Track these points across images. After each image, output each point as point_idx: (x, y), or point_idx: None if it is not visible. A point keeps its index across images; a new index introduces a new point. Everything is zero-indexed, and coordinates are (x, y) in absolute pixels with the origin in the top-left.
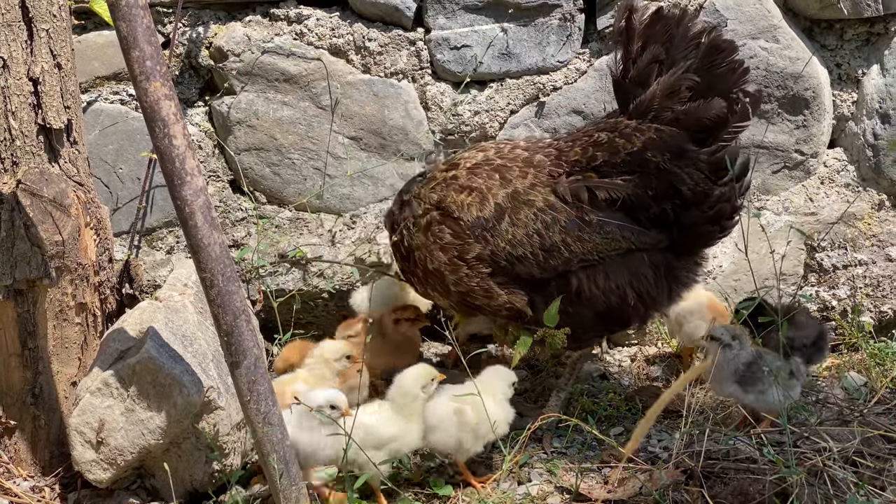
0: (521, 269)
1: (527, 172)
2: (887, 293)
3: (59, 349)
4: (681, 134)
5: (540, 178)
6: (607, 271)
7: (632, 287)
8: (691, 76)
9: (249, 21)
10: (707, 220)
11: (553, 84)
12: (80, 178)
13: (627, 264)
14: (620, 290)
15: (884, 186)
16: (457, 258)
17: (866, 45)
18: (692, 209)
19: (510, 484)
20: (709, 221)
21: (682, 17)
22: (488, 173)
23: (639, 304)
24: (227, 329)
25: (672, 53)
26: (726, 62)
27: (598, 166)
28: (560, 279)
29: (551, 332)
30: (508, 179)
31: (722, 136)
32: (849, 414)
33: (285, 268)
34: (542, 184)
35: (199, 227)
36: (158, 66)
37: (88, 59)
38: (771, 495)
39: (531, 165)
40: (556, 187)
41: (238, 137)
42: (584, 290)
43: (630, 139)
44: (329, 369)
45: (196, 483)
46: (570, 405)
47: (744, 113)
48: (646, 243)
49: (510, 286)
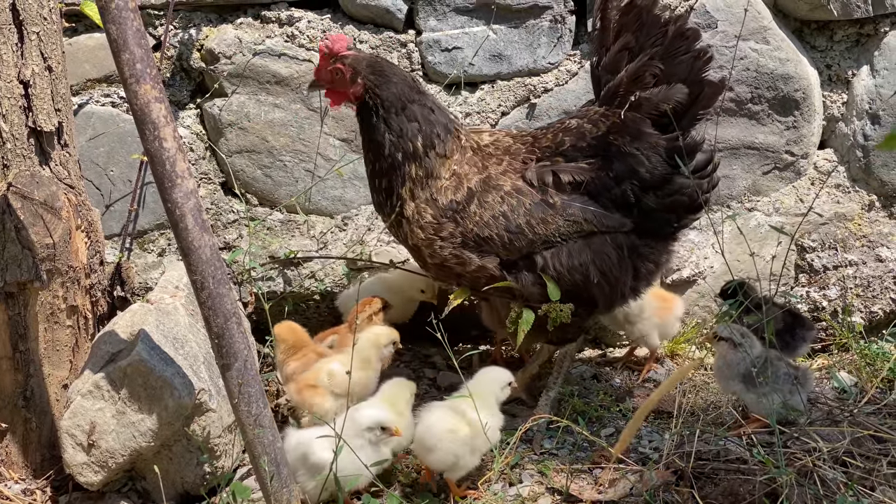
0: (487, 249)
1: (503, 160)
2: (877, 293)
3: (51, 352)
4: (642, 118)
5: (514, 164)
6: (570, 251)
7: (595, 265)
8: (655, 63)
9: (241, 23)
10: (665, 207)
11: (544, 86)
12: (70, 181)
13: (590, 245)
14: (583, 268)
15: (874, 187)
16: (432, 235)
17: (856, 46)
18: (650, 192)
19: (502, 485)
20: (666, 209)
21: (652, 5)
22: (473, 160)
23: (602, 282)
24: (217, 331)
25: (641, 41)
26: (691, 50)
27: (566, 151)
28: (526, 259)
29: (556, 305)
30: (486, 166)
31: (683, 124)
32: (839, 414)
33: (277, 270)
34: (514, 170)
35: (189, 230)
36: (148, 68)
37: (79, 61)
38: (761, 496)
39: (508, 153)
40: (524, 172)
41: (229, 140)
42: (549, 268)
43: (597, 124)
44: (376, 354)
45: (187, 485)
46: (560, 406)
47: (707, 100)
48: (608, 226)
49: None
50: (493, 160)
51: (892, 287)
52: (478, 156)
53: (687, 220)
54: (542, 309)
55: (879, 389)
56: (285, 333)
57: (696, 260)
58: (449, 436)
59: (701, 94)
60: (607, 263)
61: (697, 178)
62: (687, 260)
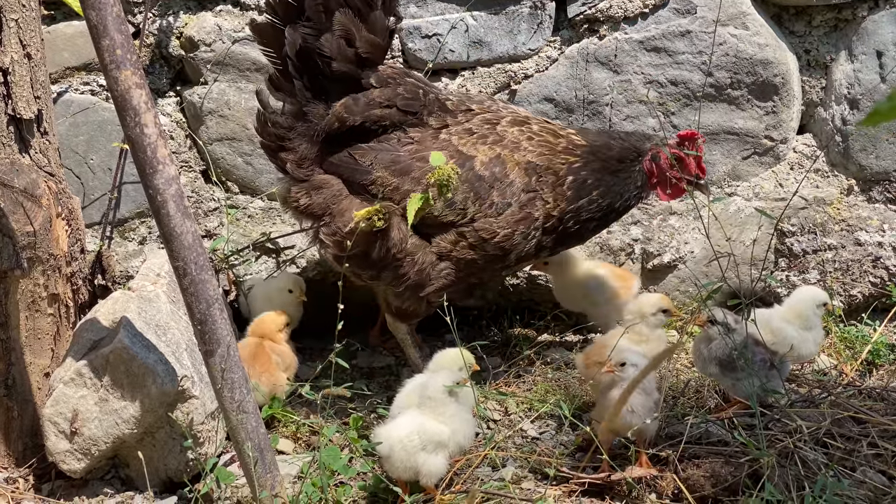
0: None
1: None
2: (856, 277)
3: (32, 340)
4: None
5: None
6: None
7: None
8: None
9: (220, 10)
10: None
11: (524, 72)
12: (50, 169)
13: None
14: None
15: (853, 172)
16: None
17: (834, 31)
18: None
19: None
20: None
21: None
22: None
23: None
24: (200, 318)
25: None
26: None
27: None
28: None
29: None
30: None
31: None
32: (819, 396)
33: (256, 256)
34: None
35: (171, 216)
36: (129, 54)
37: (58, 49)
38: (743, 477)
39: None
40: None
41: (210, 127)
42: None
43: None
44: (647, 324)
45: (171, 472)
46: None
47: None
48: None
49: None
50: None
51: (871, 271)
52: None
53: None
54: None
55: (859, 372)
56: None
57: (677, 245)
58: (404, 443)
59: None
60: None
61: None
62: (667, 245)
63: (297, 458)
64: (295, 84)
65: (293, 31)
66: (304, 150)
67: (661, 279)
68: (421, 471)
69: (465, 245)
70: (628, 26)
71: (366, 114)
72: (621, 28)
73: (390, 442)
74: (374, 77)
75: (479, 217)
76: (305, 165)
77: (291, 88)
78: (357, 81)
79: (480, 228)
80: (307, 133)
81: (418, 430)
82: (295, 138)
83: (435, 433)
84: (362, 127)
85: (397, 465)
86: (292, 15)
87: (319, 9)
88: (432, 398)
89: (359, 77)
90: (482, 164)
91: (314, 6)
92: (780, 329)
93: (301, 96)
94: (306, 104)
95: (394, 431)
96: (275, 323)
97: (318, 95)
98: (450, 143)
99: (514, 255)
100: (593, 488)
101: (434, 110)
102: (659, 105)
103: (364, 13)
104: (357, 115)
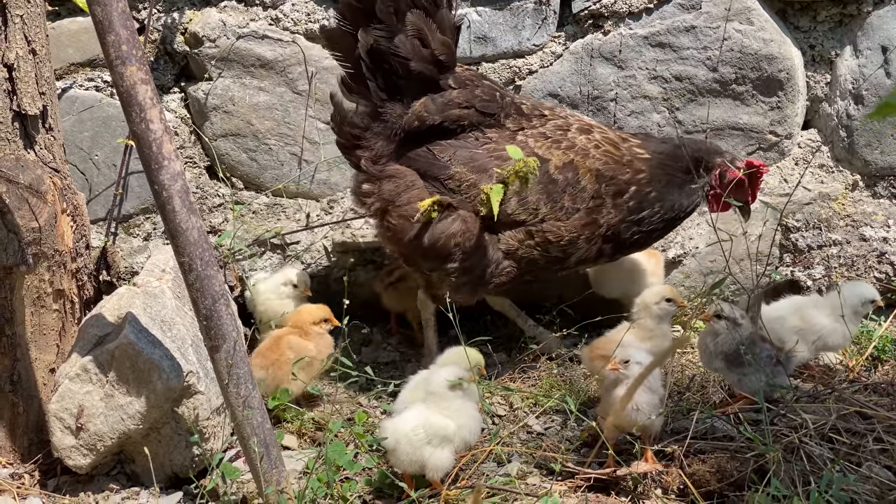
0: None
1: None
2: (861, 272)
3: (37, 336)
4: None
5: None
6: None
7: None
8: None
9: (224, 6)
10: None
11: (529, 67)
12: (56, 165)
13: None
14: None
15: (857, 167)
16: None
17: (839, 27)
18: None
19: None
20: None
21: None
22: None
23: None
24: (206, 313)
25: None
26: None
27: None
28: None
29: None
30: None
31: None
32: (825, 391)
33: (262, 252)
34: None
35: (176, 212)
36: (134, 49)
37: (63, 45)
38: (749, 472)
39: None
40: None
41: (214, 123)
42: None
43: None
44: (650, 316)
45: (176, 467)
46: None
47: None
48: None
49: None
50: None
51: (875, 266)
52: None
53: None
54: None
55: (864, 367)
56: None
57: (682, 241)
58: (410, 436)
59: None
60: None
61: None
62: (672, 241)
63: (302, 454)
64: (369, 85)
65: (365, 33)
66: (380, 148)
67: (666, 274)
68: (427, 464)
69: (532, 244)
70: (633, 22)
71: (444, 113)
72: (626, 23)
73: (396, 436)
74: (451, 78)
75: (549, 218)
76: (381, 162)
77: (365, 90)
78: (432, 81)
79: (548, 230)
80: (384, 132)
81: (424, 424)
82: (371, 137)
83: (440, 427)
84: (440, 126)
85: (403, 458)
86: (362, 18)
87: (390, 10)
88: (435, 393)
89: (435, 77)
90: (556, 167)
91: (384, 9)
92: (811, 316)
93: (376, 97)
94: (381, 105)
95: (399, 425)
96: (310, 315)
97: (394, 96)
98: (526, 144)
99: (574, 258)
100: (599, 483)
101: (511, 113)
102: (664, 101)
103: (431, 12)
104: (436, 114)
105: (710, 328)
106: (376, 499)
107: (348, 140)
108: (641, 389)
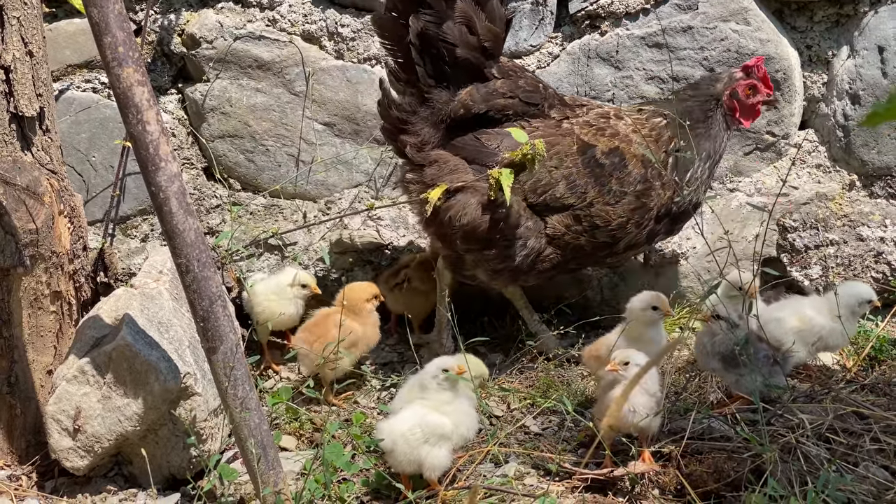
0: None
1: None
2: (858, 272)
3: (35, 337)
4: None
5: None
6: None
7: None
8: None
9: (221, 8)
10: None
11: (526, 68)
12: (53, 166)
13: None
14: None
15: (854, 167)
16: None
17: (836, 27)
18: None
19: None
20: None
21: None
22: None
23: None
24: (203, 314)
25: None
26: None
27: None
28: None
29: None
30: None
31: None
32: (821, 391)
33: (259, 253)
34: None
35: (173, 213)
36: (131, 51)
37: (60, 47)
38: (746, 472)
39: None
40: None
41: (211, 125)
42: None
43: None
44: (639, 322)
45: (174, 469)
46: (548, 388)
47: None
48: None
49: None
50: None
51: (873, 266)
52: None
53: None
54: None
55: (861, 367)
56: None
57: (679, 240)
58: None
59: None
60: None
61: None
62: (669, 240)
63: (300, 455)
64: (417, 71)
65: (416, 19)
66: (426, 135)
67: (663, 274)
68: (424, 464)
69: (579, 230)
70: (630, 22)
71: (490, 102)
72: (623, 24)
73: (393, 436)
74: (495, 68)
75: (598, 202)
76: (426, 149)
77: (413, 78)
78: (478, 70)
79: (596, 214)
80: (430, 118)
81: (420, 423)
82: (417, 122)
83: (437, 425)
84: (485, 115)
85: (401, 458)
86: (413, 6)
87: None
88: (426, 386)
89: (481, 66)
90: (602, 153)
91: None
92: (811, 318)
93: (424, 82)
94: (428, 91)
95: (396, 426)
96: (363, 292)
97: (441, 82)
98: (572, 132)
99: (623, 242)
100: (596, 484)
101: (554, 104)
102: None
103: (482, 2)
104: (481, 103)
105: (708, 328)
106: (373, 500)
107: (394, 125)
108: (638, 391)
